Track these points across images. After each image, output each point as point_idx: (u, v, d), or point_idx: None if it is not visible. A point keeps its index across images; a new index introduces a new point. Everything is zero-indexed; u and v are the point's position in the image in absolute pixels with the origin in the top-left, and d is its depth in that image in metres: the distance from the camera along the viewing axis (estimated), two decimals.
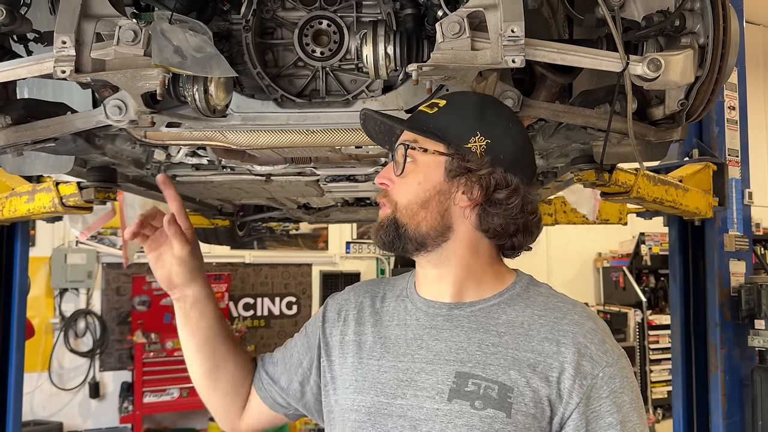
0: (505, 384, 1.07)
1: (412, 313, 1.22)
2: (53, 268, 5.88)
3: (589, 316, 1.16)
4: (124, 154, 2.06)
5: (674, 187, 2.50)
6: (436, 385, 1.10)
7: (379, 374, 1.17)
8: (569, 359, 1.07)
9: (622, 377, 1.09)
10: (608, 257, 8.30)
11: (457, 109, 1.17)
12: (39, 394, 5.82)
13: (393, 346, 1.19)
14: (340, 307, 1.32)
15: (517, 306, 1.16)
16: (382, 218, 1.18)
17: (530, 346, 1.10)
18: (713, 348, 2.96)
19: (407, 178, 1.15)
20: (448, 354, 1.13)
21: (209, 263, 6.56)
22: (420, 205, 1.15)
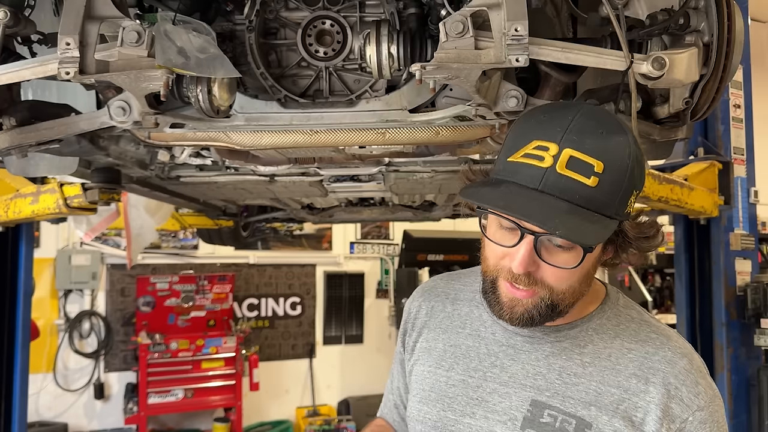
0: (584, 419, 1.00)
1: (488, 326, 1.16)
2: (58, 269, 5.89)
3: (684, 353, 1.07)
4: (128, 155, 2.07)
5: (679, 185, 2.49)
6: (509, 410, 1.05)
7: (447, 387, 1.12)
8: (657, 400, 1.00)
9: (713, 422, 1.02)
10: None
11: (618, 171, 0.95)
12: (44, 395, 5.83)
13: (464, 358, 1.14)
14: (411, 315, 1.29)
15: (605, 334, 1.09)
16: (532, 304, 1.01)
17: (616, 381, 1.03)
18: (719, 347, 2.95)
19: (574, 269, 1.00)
20: (524, 378, 1.07)
21: (213, 264, 6.57)
22: (579, 286, 1.04)
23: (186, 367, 5.76)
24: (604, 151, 0.95)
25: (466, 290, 1.26)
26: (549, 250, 0.98)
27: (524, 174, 0.96)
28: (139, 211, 3.06)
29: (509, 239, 0.99)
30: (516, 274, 0.98)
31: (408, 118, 1.59)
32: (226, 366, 5.91)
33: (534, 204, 0.93)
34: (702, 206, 2.74)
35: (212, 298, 6.29)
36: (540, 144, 0.95)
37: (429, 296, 1.29)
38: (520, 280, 0.99)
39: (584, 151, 0.94)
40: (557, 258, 0.98)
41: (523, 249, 0.97)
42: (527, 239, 0.96)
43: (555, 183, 0.93)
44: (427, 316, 1.25)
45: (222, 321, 6.31)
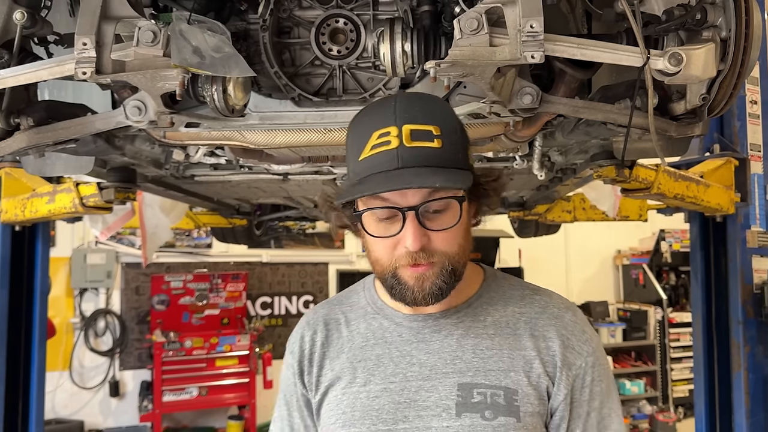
0: (509, 387, 1.07)
1: (392, 330, 1.16)
2: (73, 268, 5.95)
3: (567, 307, 1.18)
4: (144, 154, 2.08)
5: (695, 182, 2.47)
6: (440, 402, 1.07)
7: (370, 401, 1.10)
8: (555, 352, 1.10)
9: (601, 365, 1.13)
10: (628, 254, 8.22)
11: (449, 126, 1.07)
12: (60, 392, 5.88)
13: (378, 367, 1.13)
14: (306, 351, 1.21)
15: (497, 305, 1.16)
16: (435, 274, 1.05)
17: (521, 344, 1.11)
18: (736, 346, 2.91)
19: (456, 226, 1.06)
20: (444, 366, 1.10)
21: (227, 263, 6.60)
22: (466, 243, 1.10)
23: (200, 365, 5.80)
24: (433, 116, 1.05)
25: (354, 309, 1.24)
26: (430, 219, 1.04)
27: (381, 162, 1.02)
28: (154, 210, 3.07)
29: (393, 228, 1.04)
30: (413, 252, 1.02)
31: None
32: (239, 364, 5.93)
33: (403, 175, 0.99)
34: (718, 203, 2.71)
35: (226, 297, 6.32)
36: (381, 132, 1.02)
37: (318, 328, 1.23)
38: (420, 257, 1.03)
39: (419, 122, 1.03)
40: (441, 222, 1.04)
41: (410, 226, 1.01)
42: (410, 216, 1.02)
43: (410, 156, 1.00)
44: (324, 347, 1.20)
45: (236, 319, 6.34)
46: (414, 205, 1.02)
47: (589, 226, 6.21)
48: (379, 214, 1.05)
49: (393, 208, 1.03)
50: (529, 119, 1.61)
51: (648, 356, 7.36)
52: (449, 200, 1.04)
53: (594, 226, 6.60)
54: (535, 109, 1.40)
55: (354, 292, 1.28)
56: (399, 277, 1.06)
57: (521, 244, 6.77)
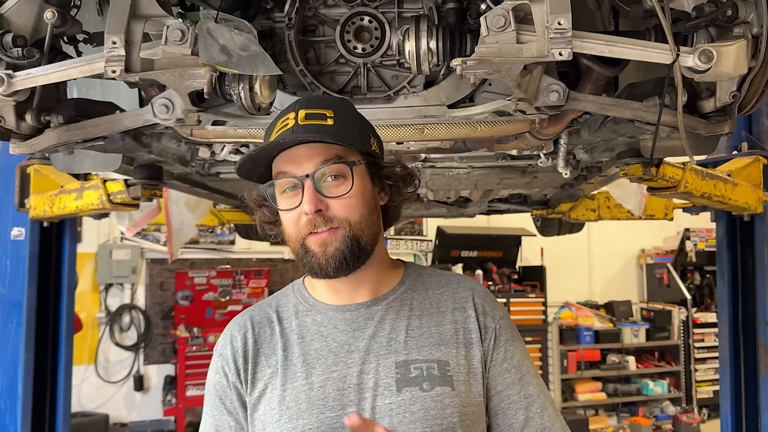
0: (441, 359, 1.15)
1: (326, 324, 1.19)
2: (99, 263, 6.03)
3: (477, 283, 1.31)
4: (170, 151, 2.10)
5: (723, 181, 2.44)
6: (381, 381, 1.12)
7: (314, 392, 1.12)
8: (474, 318, 1.21)
9: (511, 327, 1.25)
10: (652, 254, 8.13)
11: (346, 114, 1.17)
12: (86, 386, 5.97)
13: (317, 360, 1.15)
14: (238, 351, 1.20)
15: (419, 290, 1.24)
16: (338, 239, 1.11)
17: (445, 319, 1.20)
18: (763, 347, 2.87)
19: (351, 192, 1.13)
20: (381, 349, 1.16)
21: (249, 259, 6.65)
22: (369, 215, 1.16)
23: None
24: (329, 104, 1.16)
25: (284, 309, 1.25)
26: (327, 187, 1.12)
27: (280, 138, 1.11)
28: (179, 206, 3.10)
29: (295, 200, 1.12)
30: (310, 216, 1.10)
31: (446, 114, 1.58)
32: None
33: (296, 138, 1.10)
34: (746, 202, 2.67)
35: (248, 293, 6.37)
36: (283, 119, 1.13)
37: (248, 328, 1.22)
38: (318, 222, 1.10)
39: (314, 107, 1.13)
40: (336, 189, 1.12)
41: (306, 192, 1.10)
42: (307, 183, 1.10)
43: (303, 130, 1.10)
44: (257, 345, 1.20)
45: None
46: (308, 172, 1.11)
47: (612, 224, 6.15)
48: (282, 184, 1.14)
49: (290, 178, 1.12)
50: (554, 117, 1.60)
51: (672, 356, 7.28)
52: (342, 166, 1.12)
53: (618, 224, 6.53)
54: (561, 107, 1.39)
55: (283, 295, 1.31)
56: (306, 246, 1.13)
57: (543, 243, 6.73)
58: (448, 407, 1.11)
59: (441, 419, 1.10)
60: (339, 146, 1.12)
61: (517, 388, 1.19)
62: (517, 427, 1.17)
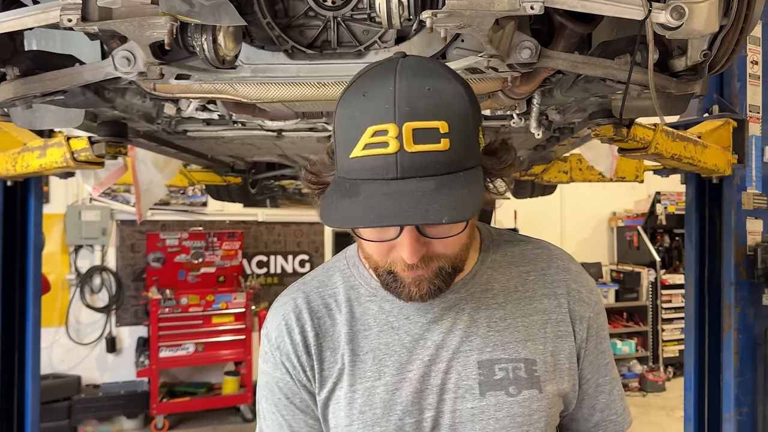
0: (528, 358, 1.02)
1: (396, 313, 1.05)
2: (68, 224, 5.93)
3: (568, 257, 1.15)
4: (135, 108, 2.05)
5: (693, 143, 2.45)
6: (461, 383, 1.01)
7: (389, 395, 1.01)
8: (567, 308, 1.08)
9: (603, 313, 1.14)
10: (623, 216, 8.24)
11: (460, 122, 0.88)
12: (57, 348, 5.93)
13: (389, 357, 1.03)
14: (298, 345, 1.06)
15: (501, 268, 1.09)
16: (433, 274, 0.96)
17: (532, 307, 1.06)
18: (727, 307, 2.93)
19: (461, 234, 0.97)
20: (460, 345, 1.02)
21: (222, 221, 6.59)
22: (471, 237, 1.03)
23: (196, 321, 5.84)
24: (440, 108, 0.86)
25: (341, 292, 1.10)
26: (431, 227, 0.92)
27: (376, 167, 0.86)
28: (147, 166, 3.04)
29: (387, 233, 0.93)
30: (411, 264, 0.93)
31: None
32: (236, 321, 5.98)
33: (404, 200, 0.84)
34: (715, 164, 2.69)
35: (222, 255, 6.33)
36: (376, 129, 0.85)
37: (305, 317, 1.08)
38: (417, 266, 0.94)
39: (423, 118, 0.85)
40: (442, 230, 0.93)
41: (407, 239, 0.91)
42: (407, 229, 0.91)
43: (411, 164, 0.84)
44: (319, 338, 1.06)
45: (232, 277, 6.37)
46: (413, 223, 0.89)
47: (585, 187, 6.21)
48: None
49: None
50: (527, 75, 1.58)
51: (640, 317, 7.45)
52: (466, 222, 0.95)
53: (590, 188, 6.60)
54: (533, 64, 1.37)
55: (335, 271, 1.14)
56: (396, 274, 0.97)
57: (517, 205, 6.77)
58: (535, 412, 1.01)
59: (528, 426, 1.01)
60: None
61: (604, 371, 1.13)
62: (599, 408, 1.13)
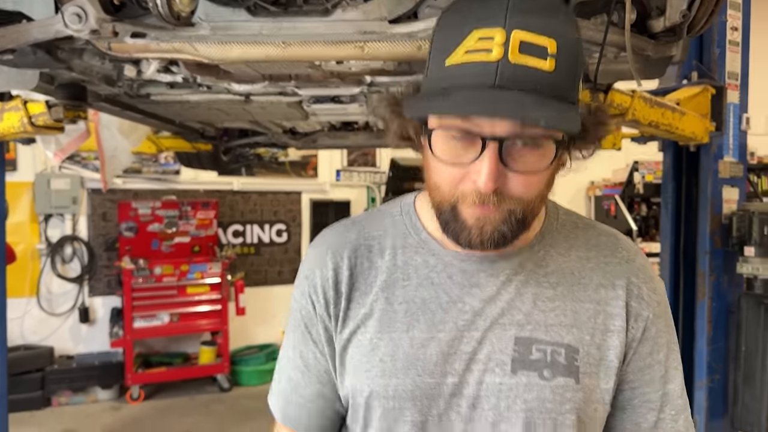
0: (571, 345, 0.94)
1: (440, 270, 0.98)
2: (37, 193, 5.79)
3: (635, 250, 1.05)
4: (94, 70, 1.96)
5: (671, 110, 2.42)
6: (494, 356, 0.93)
7: (414, 350, 0.95)
8: (624, 303, 0.98)
9: (666, 316, 1.02)
10: (601, 186, 8.26)
11: (570, 49, 0.83)
12: (28, 319, 5.83)
13: (423, 313, 0.96)
14: (329, 281, 1.01)
15: (560, 248, 1.01)
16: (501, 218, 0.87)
17: (586, 295, 0.97)
18: (701, 275, 2.94)
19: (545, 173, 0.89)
20: (500, 317, 0.95)
21: (196, 190, 6.49)
22: (547, 189, 0.92)
23: (171, 292, 5.76)
24: (552, 27, 0.81)
25: (388, 236, 1.03)
26: (514, 155, 0.84)
27: (473, 74, 0.80)
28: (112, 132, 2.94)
29: (466, 155, 0.84)
30: (484, 194, 0.84)
31: (388, 30, 1.48)
32: (212, 291, 5.92)
33: (500, 101, 0.78)
34: (693, 132, 2.67)
35: (196, 224, 6.23)
36: (482, 34, 0.80)
37: (343, 255, 1.02)
38: (488, 200, 0.84)
39: (534, 30, 0.79)
40: (526, 162, 0.85)
41: (487, 161, 0.82)
42: (490, 148, 0.82)
43: (512, 75, 0.78)
44: (353, 278, 1.00)
45: (207, 247, 6.29)
46: (500, 135, 0.82)
47: None
48: (454, 134, 0.85)
49: (474, 133, 0.83)
50: None
51: None
52: (545, 138, 0.84)
53: None
54: None
55: (387, 215, 1.07)
56: (458, 212, 0.88)
57: None
58: (567, 402, 0.92)
59: (556, 414, 0.92)
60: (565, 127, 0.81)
61: (657, 386, 0.99)
62: (645, 428, 1.00)
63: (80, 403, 5.71)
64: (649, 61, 1.53)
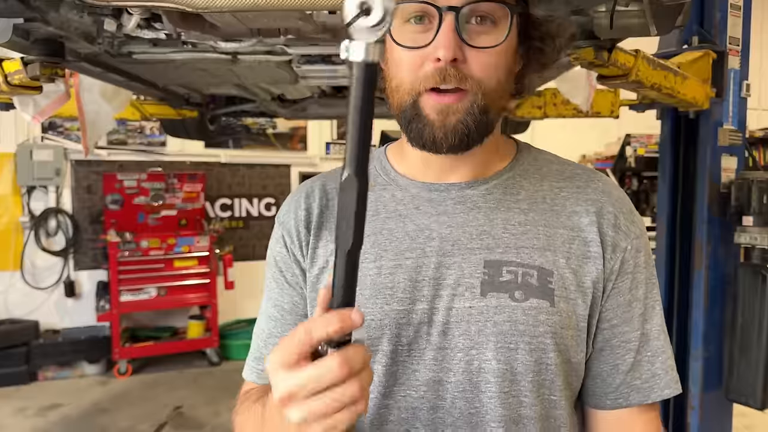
0: (544, 267, 0.91)
1: (407, 202, 0.98)
2: (19, 165, 5.65)
3: (614, 185, 1.02)
4: (72, 25, 1.84)
5: (673, 73, 2.34)
6: (462, 280, 0.91)
7: (381, 278, 0.94)
8: (598, 230, 0.95)
9: (646, 252, 0.99)
10: (593, 159, 8.21)
11: None
12: (13, 292, 5.74)
13: (391, 242, 0.96)
14: (300, 219, 1.03)
15: (532, 178, 0.99)
16: (464, 108, 0.87)
17: (559, 221, 0.95)
18: (699, 245, 2.89)
19: (500, 47, 0.87)
20: (469, 242, 0.93)
21: (183, 162, 6.37)
22: (506, 81, 0.91)
23: (158, 265, 5.68)
24: None
25: None
26: (471, 33, 0.85)
27: None
28: (93, 95, 2.83)
29: (424, 36, 0.85)
30: (443, 65, 0.83)
31: None
32: (199, 265, 5.84)
33: None
34: (694, 97, 2.60)
35: (183, 197, 6.13)
36: None
37: (315, 196, 1.04)
38: (449, 75, 0.84)
39: None
40: (483, 39, 0.85)
41: (445, 30, 0.83)
42: (447, 20, 0.83)
43: None
44: (322, 216, 1.01)
45: (194, 220, 6.19)
46: (455, 4, 0.83)
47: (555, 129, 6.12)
48: (408, 10, 0.85)
49: (428, 4, 0.84)
50: None
51: None
52: (500, 8, 0.85)
53: (561, 129, 6.52)
54: None
55: None
56: (419, 106, 0.87)
57: None
58: (541, 325, 0.89)
59: (530, 337, 0.89)
60: None
61: (636, 324, 0.97)
62: (622, 370, 0.97)
63: (67, 377, 5.65)
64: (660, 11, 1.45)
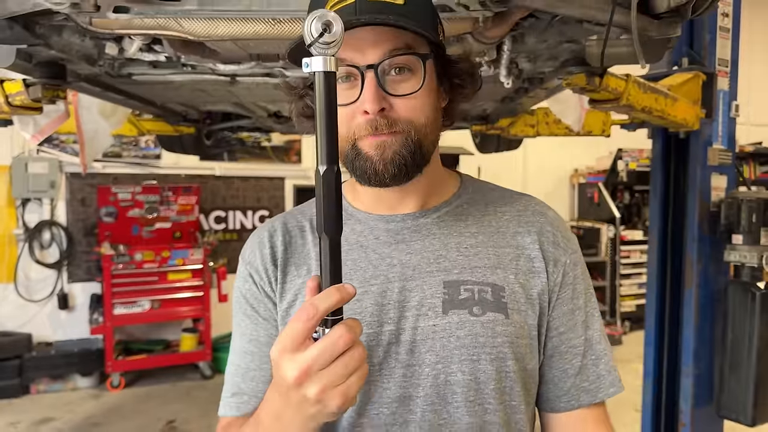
0: (496, 284, 1.01)
1: (366, 233, 1.07)
2: (14, 177, 5.66)
3: (547, 206, 1.14)
4: (74, 48, 1.87)
5: (663, 96, 2.39)
6: (425, 301, 1.00)
7: (350, 305, 0.95)
8: (540, 248, 1.06)
9: (582, 265, 1.10)
10: (585, 173, 8.28)
11: None
12: (6, 305, 5.73)
13: (355, 272, 1.03)
14: (266, 257, 1.08)
15: (478, 205, 1.11)
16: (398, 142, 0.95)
17: (505, 241, 1.06)
18: (689, 263, 2.93)
19: (419, 92, 0.96)
20: (428, 266, 1.02)
21: (177, 175, 6.38)
22: (434, 118, 0.99)
23: (152, 278, 5.68)
24: None
25: None
26: (391, 82, 0.94)
27: None
28: (91, 113, 2.85)
29: (352, 93, 0.94)
30: (373, 117, 0.93)
31: None
32: (193, 278, 5.84)
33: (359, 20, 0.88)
34: (684, 118, 2.65)
35: (177, 210, 6.14)
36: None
37: (278, 234, 1.10)
38: (380, 124, 0.93)
39: None
40: (403, 86, 0.95)
41: (368, 87, 0.92)
42: (368, 77, 0.92)
43: (369, 8, 0.90)
44: (287, 253, 1.08)
45: (188, 233, 6.20)
46: (373, 63, 0.92)
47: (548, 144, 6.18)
48: (339, 78, 0.93)
49: (350, 66, 0.92)
50: (499, 17, 1.47)
51: (599, 272, 7.54)
52: (413, 59, 0.94)
53: (553, 144, 6.57)
54: (507, 2, 1.27)
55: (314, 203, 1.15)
56: (358, 149, 0.96)
57: (480, 161, 6.71)
58: (499, 335, 0.99)
59: (490, 348, 0.98)
60: (410, 33, 0.91)
61: (579, 331, 1.07)
62: (570, 374, 1.07)
63: (59, 390, 5.63)
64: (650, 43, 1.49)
